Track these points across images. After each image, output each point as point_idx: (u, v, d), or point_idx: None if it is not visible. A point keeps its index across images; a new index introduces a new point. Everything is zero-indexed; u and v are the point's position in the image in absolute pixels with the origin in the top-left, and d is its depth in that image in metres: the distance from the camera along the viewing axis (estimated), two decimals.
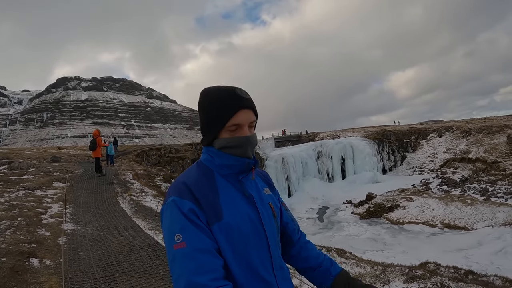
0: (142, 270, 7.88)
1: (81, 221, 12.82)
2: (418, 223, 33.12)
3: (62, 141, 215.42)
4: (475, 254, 23.72)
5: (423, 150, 63.68)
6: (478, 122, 67.05)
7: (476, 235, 28.36)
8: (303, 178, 56.66)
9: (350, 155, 60.73)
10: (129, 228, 11.81)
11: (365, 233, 31.77)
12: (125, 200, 17.23)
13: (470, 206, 33.65)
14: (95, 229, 11.63)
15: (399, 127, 76.79)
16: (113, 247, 9.60)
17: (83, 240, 10.30)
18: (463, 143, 59.40)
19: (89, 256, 8.84)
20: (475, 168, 51.27)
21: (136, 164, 34.86)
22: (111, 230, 11.60)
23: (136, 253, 9.03)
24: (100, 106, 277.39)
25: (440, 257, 19.04)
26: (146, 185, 22.30)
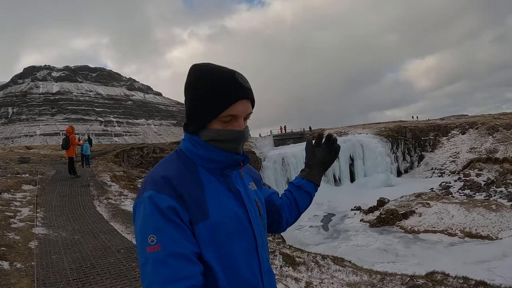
0: (117, 272, 8.51)
1: (53, 225, 13.35)
2: (436, 231, 33.27)
3: (30, 139, 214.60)
4: (499, 266, 23.78)
5: (443, 149, 63.91)
6: (506, 117, 67.20)
7: (501, 245, 28.39)
8: None
9: (359, 154, 60.93)
10: (105, 232, 12.43)
11: (375, 243, 31.90)
12: (101, 203, 17.81)
13: (495, 213, 33.78)
14: (68, 233, 12.18)
15: (416, 123, 76.97)
16: (88, 250, 10.20)
17: (56, 244, 10.85)
18: (489, 141, 59.64)
19: (62, 259, 9.42)
20: (503, 169, 51.51)
21: (115, 165, 35.15)
22: (86, 234, 12.18)
23: (112, 256, 9.69)
24: (74, 100, 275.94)
25: (460, 270, 18.87)
26: (126, 188, 22.86)
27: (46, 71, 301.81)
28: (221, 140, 2.01)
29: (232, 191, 2.08)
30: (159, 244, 1.75)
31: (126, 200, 18.76)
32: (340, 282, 9.41)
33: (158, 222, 1.79)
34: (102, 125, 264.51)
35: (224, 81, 1.98)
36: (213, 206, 1.94)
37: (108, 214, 15.67)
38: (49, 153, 44.24)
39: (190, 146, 2.08)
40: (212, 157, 2.04)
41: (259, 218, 2.17)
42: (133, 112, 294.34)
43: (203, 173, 2.03)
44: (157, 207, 1.82)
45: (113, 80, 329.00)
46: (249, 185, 2.28)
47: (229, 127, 2.00)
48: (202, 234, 1.88)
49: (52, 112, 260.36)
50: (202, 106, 1.99)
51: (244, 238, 2.02)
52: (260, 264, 2.08)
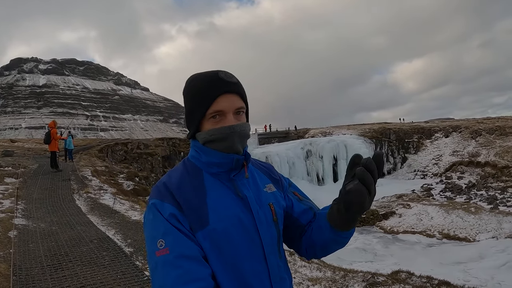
0: (88, 260, 9.12)
1: (33, 216, 13.87)
2: (415, 232, 33.64)
3: (15, 132, 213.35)
4: (475, 268, 23.97)
5: (426, 151, 64.36)
6: (490, 122, 67.75)
7: (478, 247, 28.72)
8: None
9: (343, 155, 60.85)
10: (81, 224, 12.98)
11: (354, 243, 31.51)
12: (81, 197, 18.22)
13: (474, 215, 34.23)
14: (47, 224, 12.72)
15: (400, 125, 77.45)
16: (63, 240, 10.84)
17: (34, 234, 11.43)
18: (471, 145, 60.13)
19: (39, 247, 10.04)
20: (484, 173, 51.97)
21: (98, 160, 35.40)
22: (63, 225, 12.77)
23: (85, 245, 10.31)
24: (60, 93, 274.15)
25: (436, 270, 19.46)
26: (106, 183, 23.20)
27: (33, 63, 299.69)
28: (213, 140, 2.01)
29: (240, 196, 2.03)
30: (168, 247, 1.77)
31: (106, 195, 19.10)
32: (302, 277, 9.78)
33: (165, 227, 1.83)
34: (88, 119, 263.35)
35: (207, 79, 2.01)
36: (214, 213, 1.93)
37: (87, 207, 16.08)
38: (33, 146, 44.33)
39: (194, 153, 2.11)
40: (213, 161, 2.03)
41: (272, 224, 2.08)
42: (120, 107, 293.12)
43: (208, 179, 2.04)
44: (161, 214, 1.86)
45: (100, 74, 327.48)
46: (266, 187, 2.20)
47: (218, 125, 1.99)
48: (202, 243, 1.88)
49: (38, 105, 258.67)
50: (191, 109, 2.05)
51: (249, 245, 1.97)
52: (269, 272, 2.00)
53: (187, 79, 2.11)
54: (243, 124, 2.05)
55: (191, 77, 2.10)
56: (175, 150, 52.72)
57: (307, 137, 74.91)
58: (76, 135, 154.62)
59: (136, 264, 8.93)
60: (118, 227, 12.72)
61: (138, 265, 8.87)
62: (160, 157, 48.49)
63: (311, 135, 76.02)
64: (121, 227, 12.66)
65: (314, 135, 75.72)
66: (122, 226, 12.90)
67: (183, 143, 55.20)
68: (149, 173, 43.45)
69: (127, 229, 12.49)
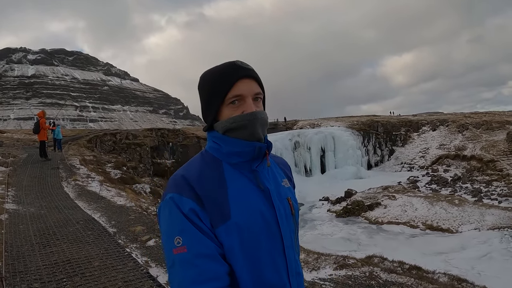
0: (74, 238, 9.89)
1: (23, 202, 14.53)
2: (399, 223, 34.10)
3: (3, 123, 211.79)
4: (456, 258, 24.58)
5: (413, 144, 65.25)
6: (477, 117, 68.61)
7: (460, 238, 29.29)
8: None
9: (331, 147, 61.47)
10: (69, 208, 13.65)
11: (339, 233, 32.60)
12: (69, 184, 18.78)
13: (458, 207, 34.77)
14: (36, 209, 13.37)
15: (388, 118, 78.18)
16: (52, 221, 11.59)
17: (24, 217, 12.14)
18: (458, 139, 61.05)
19: (29, 228, 10.77)
20: (470, 166, 52.81)
21: (87, 150, 35.43)
22: (52, 209, 13.43)
23: (72, 226, 11.09)
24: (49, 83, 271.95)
25: (417, 260, 19.17)
26: (94, 171, 23.71)
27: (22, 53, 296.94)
28: (235, 128, 1.99)
29: (261, 188, 2.04)
30: (185, 246, 1.79)
31: (93, 182, 19.60)
32: None
33: (183, 223, 1.83)
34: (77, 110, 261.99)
35: (224, 67, 2.03)
36: (236, 206, 1.93)
37: (74, 193, 16.66)
38: (22, 137, 44.40)
39: (213, 144, 2.09)
40: (234, 150, 2.02)
41: (290, 218, 2.13)
42: (109, 97, 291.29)
43: (228, 170, 2.02)
44: (180, 209, 1.85)
45: (90, 65, 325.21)
46: (283, 182, 2.24)
47: (238, 111, 2.00)
48: (224, 237, 1.88)
49: (26, 96, 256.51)
50: (210, 98, 2.04)
51: (270, 239, 1.99)
52: (287, 266, 2.04)
53: (202, 74, 2.13)
54: (263, 112, 2.08)
55: (206, 71, 2.11)
56: (163, 141, 52.68)
57: (296, 128, 75.33)
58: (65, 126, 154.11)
59: (118, 242, 9.66)
60: (103, 211, 13.38)
61: (120, 243, 9.61)
62: (149, 147, 48.46)
63: (299, 127, 76.53)
64: (106, 211, 13.32)
65: (302, 126, 76.32)
66: (108, 210, 13.55)
67: (172, 134, 55.20)
68: (137, 163, 43.78)
69: (112, 212, 13.17)
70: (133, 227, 10.99)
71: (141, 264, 8.13)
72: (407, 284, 9.65)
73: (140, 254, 8.89)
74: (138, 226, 11.06)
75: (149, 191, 23.74)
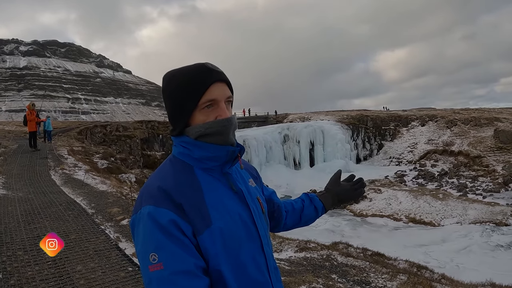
0: (55, 217, 11.10)
1: (12, 188, 15.71)
2: (383, 216, 35.05)
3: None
4: (436, 250, 25.32)
5: (402, 139, 65.97)
6: (466, 113, 69.39)
7: (442, 231, 30.22)
8: (266, 164, 57.50)
9: (320, 140, 62.01)
10: (54, 193, 14.78)
11: (324, 224, 32.98)
12: (57, 173, 19.75)
13: (441, 201, 35.81)
14: (24, 194, 14.50)
15: (378, 112, 78.75)
16: (37, 204, 12.77)
17: (13, 200, 13.36)
18: (446, 134, 61.84)
19: (16, 209, 11.98)
20: (457, 162, 53.71)
21: (77, 142, 36.26)
22: (38, 194, 14.58)
23: (55, 207, 12.28)
24: (41, 75, 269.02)
25: (398, 252, 20.50)
26: (81, 161, 24.55)
27: (14, 45, 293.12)
28: (209, 133, 1.99)
29: (234, 191, 2.07)
30: (162, 263, 1.74)
31: (80, 171, 20.44)
32: None
33: (158, 239, 1.77)
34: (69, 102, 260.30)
35: (196, 70, 2.00)
36: (215, 210, 1.93)
37: (61, 181, 17.64)
38: (13, 129, 44.74)
39: (182, 150, 2.06)
40: (208, 155, 2.01)
41: (262, 216, 2.18)
42: (102, 89, 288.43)
43: (201, 176, 2.02)
44: (157, 223, 1.79)
45: (82, 56, 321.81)
46: (249, 182, 2.27)
47: (212, 116, 1.99)
48: (208, 243, 1.87)
49: (18, 87, 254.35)
50: (181, 102, 2.00)
51: (250, 239, 2.03)
52: (266, 262, 2.09)
53: (166, 75, 2.08)
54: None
55: (171, 72, 2.07)
56: (153, 133, 53.09)
57: (286, 122, 75.68)
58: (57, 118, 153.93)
59: (94, 220, 10.80)
60: (85, 195, 14.37)
61: (96, 221, 10.74)
62: (139, 139, 48.78)
63: (289, 120, 76.84)
64: (88, 196, 14.32)
65: (292, 120, 76.58)
66: (90, 195, 14.53)
67: (162, 126, 55.62)
68: (127, 155, 43.93)
69: (93, 197, 14.18)
70: (110, 209, 12.02)
71: (112, 238, 9.29)
72: (360, 267, 10.45)
73: (113, 231, 9.95)
74: (115, 208, 12.09)
75: (134, 180, 24.33)
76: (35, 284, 6.58)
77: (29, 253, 7.97)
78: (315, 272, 9.48)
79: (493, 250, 25.35)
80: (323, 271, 9.69)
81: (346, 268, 10.15)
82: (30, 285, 6.55)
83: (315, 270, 9.70)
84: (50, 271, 7.11)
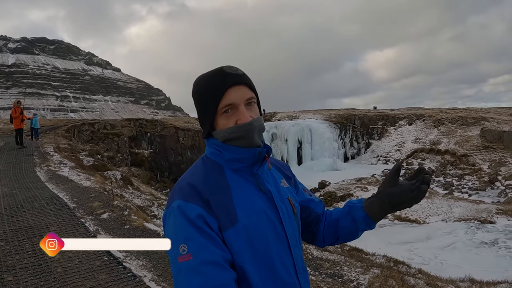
0: (38, 211, 11.46)
1: None
2: None
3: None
4: (421, 247, 25.43)
5: (390, 138, 66.54)
6: (453, 112, 70.17)
7: (427, 229, 30.15)
8: None
9: (308, 139, 62.69)
10: (38, 188, 15.14)
11: None
12: (42, 170, 19.98)
13: (427, 199, 35.44)
14: (9, 189, 14.86)
15: (366, 111, 79.17)
16: (21, 198, 13.16)
17: None
18: (434, 133, 62.49)
19: (0, 203, 12.44)
20: (444, 160, 54.14)
21: (64, 140, 36.34)
22: (23, 189, 14.94)
23: (38, 202, 12.67)
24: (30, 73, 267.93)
25: (383, 249, 19.91)
26: (67, 158, 24.80)
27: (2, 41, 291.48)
28: (233, 138, 2.04)
29: (263, 191, 2.10)
30: (191, 253, 1.78)
31: (65, 168, 20.66)
32: None
33: (188, 231, 1.83)
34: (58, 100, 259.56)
35: (212, 76, 2.06)
36: (241, 209, 1.97)
37: (46, 177, 17.91)
38: (1, 127, 45.06)
39: (214, 151, 2.13)
40: (235, 157, 2.07)
41: (293, 217, 2.18)
42: (91, 87, 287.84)
43: (230, 175, 2.07)
44: (186, 216, 1.86)
45: (71, 54, 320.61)
46: (281, 182, 2.28)
47: (232, 120, 2.03)
48: (233, 239, 1.91)
49: (6, 85, 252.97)
50: (203, 108, 2.08)
51: (277, 238, 2.04)
52: (294, 263, 2.09)
53: (194, 82, 2.15)
54: (259, 119, 2.10)
55: (197, 78, 2.14)
56: (141, 131, 53.28)
57: (274, 120, 76.04)
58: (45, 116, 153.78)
59: (76, 214, 11.16)
60: (69, 191, 14.67)
61: (77, 214, 11.12)
62: (127, 137, 49.19)
63: (277, 119, 77.33)
64: (71, 191, 14.61)
65: (280, 118, 77.11)
66: (73, 190, 14.82)
67: (150, 124, 55.94)
68: (115, 153, 44.36)
69: (76, 192, 14.47)
70: (91, 203, 12.35)
71: (91, 231, 9.67)
72: (335, 261, 10.79)
73: (93, 224, 10.31)
74: (96, 202, 12.41)
75: (119, 177, 24.55)
76: (15, 272, 6.95)
77: (11, 244, 8.38)
78: None
79: (477, 247, 25.25)
80: None
81: (320, 262, 10.43)
82: (10, 273, 6.92)
83: None
84: (30, 260, 7.49)
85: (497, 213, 31.18)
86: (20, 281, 6.63)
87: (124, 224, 10.47)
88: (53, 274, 6.88)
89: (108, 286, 6.67)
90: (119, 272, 7.26)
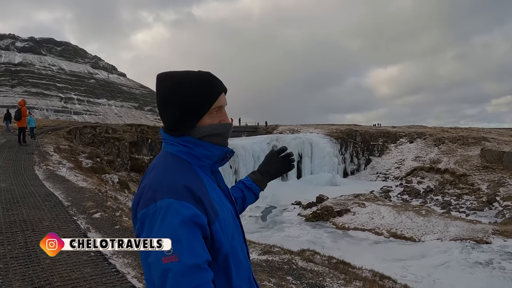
0: (33, 206, 11.96)
1: None
2: (364, 230, 35.31)
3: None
4: (414, 265, 25.71)
5: (390, 155, 66.82)
6: (454, 131, 70.57)
7: (422, 247, 30.57)
8: None
9: (308, 152, 63.12)
10: (35, 186, 15.60)
11: (306, 236, 33.69)
12: (40, 168, 20.37)
13: (423, 217, 36.06)
14: (7, 185, 15.40)
15: (367, 128, 79.68)
16: (18, 194, 13.70)
17: None
18: (434, 152, 62.79)
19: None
20: (443, 179, 54.65)
21: (65, 141, 36.37)
22: (21, 185, 15.46)
23: (33, 198, 13.17)
24: (35, 72, 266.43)
25: (376, 265, 20.69)
26: (66, 159, 25.08)
27: (10, 40, 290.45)
28: (214, 134, 2.17)
29: (221, 188, 2.27)
30: (177, 255, 1.78)
31: (63, 168, 21.00)
32: None
33: (177, 232, 1.82)
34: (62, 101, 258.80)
35: (206, 78, 2.20)
36: (216, 203, 2.08)
37: (43, 176, 18.31)
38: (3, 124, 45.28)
39: (183, 148, 2.17)
40: (207, 153, 2.17)
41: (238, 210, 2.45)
42: (95, 91, 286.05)
43: (200, 172, 2.16)
44: (178, 216, 1.85)
45: (77, 56, 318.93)
46: None
47: (216, 119, 2.19)
48: (219, 232, 2.00)
49: (12, 83, 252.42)
50: (193, 106, 2.13)
51: (237, 230, 2.23)
52: (247, 251, 2.32)
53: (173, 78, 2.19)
54: None
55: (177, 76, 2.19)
56: (142, 137, 53.55)
57: (275, 133, 76.74)
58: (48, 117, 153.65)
59: (69, 212, 11.56)
60: (64, 189, 15.09)
61: (70, 212, 11.52)
62: (128, 142, 49.13)
63: (279, 131, 77.91)
64: (67, 190, 15.03)
65: (282, 131, 77.70)
66: (68, 189, 15.24)
67: (151, 130, 56.11)
68: (115, 157, 44.17)
69: (72, 191, 14.89)
70: (85, 203, 12.77)
71: (82, 228, 10.05)
72: (318, 272, 11.08)
73: (85, 222, 10.68)
74: (90, 202, 12.83)
75: (117, 181, 24.77)
76: (6, 261, 7.34)
77: (4, 235, 8.85)
78: (270, 273, 10.02)
79: (471, 267, 25.50)
80: (279, 272, 10.25)
81: (304, 272, 10.71)
82: (1, 261, 7.31)
83: (272, 271, 10.24)
84: (21, 251, 7.89)
85: (493, 234, 31.31)
86: (9, 269, 7.01)
87: (115, 224, 10.82)
88: (42, 265, 7.24)
89: (92, 279, 7.01)
90: (104, 267, 7.61)
